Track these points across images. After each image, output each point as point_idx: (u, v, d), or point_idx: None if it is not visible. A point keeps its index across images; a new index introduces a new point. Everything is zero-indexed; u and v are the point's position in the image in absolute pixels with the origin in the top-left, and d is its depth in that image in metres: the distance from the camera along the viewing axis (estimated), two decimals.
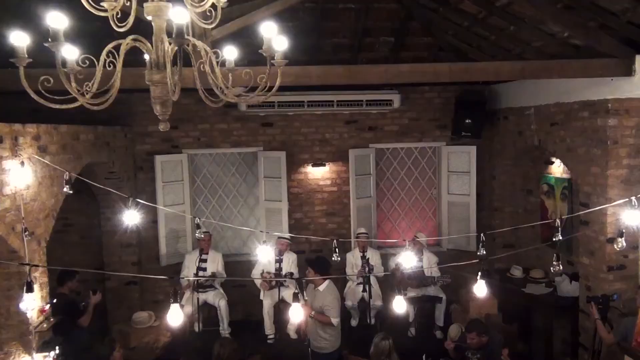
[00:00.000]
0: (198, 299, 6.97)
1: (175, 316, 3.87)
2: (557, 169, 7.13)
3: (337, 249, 4.46)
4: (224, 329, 7.29)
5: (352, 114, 8.15)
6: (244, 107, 7.47)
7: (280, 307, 7.32)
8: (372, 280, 7.19)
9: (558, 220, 4.19)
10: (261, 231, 7.10)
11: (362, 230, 7.54)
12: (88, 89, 2.50)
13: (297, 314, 4.72)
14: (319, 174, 8.25)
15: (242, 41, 4.09)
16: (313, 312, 5.76)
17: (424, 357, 5.54)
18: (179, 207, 7.96)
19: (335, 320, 5.77)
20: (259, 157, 8.08)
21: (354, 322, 7.59)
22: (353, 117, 8.19)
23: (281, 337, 7.28)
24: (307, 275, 5.90)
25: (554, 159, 7.16)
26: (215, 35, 4.46)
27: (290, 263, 7.36)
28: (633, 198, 3.79)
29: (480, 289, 4.36)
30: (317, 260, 6.12)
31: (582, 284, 6.00)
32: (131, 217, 4.59)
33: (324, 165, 8.20)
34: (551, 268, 4.10)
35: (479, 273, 4.30)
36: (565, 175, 6.90)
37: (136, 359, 6.46)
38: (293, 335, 7.25)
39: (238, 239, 8.54)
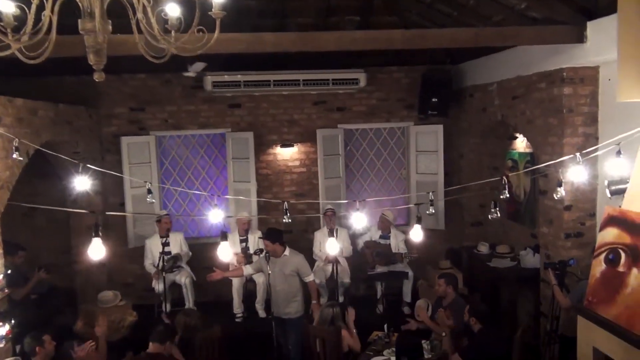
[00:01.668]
0: (165, 279, 6.93)
1: (97, 250, 3.78)
2: (521, 144, 7.21)
3: (287, 211, 4.49)
4: (190, 307, 7.26)
5: (320, 95, 8.17)
6: (209, 87, 7.45)
7: (248, 286, 7.33)
8: (340, 258, 7.23)
9: (504, 178, 4.24)
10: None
11: (329, 206, 7.57)
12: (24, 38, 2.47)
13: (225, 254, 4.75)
14: (287, 155, 8.26)
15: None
16: (314, 302, 5.88)
17: (385, 326, 5.60)
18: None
19: (311, 276, 5.96)
20: (227, 139, 8.07)
21: (322, 300, 7.60)
22: (321, 98, 8.21)
23: (249, 315, 7.27)
24: (266, 249, 5.90)
25: (517, 135, 7.24)
26: None
27: (256, 241, 7.31)
28: (578, 155, 3.85)
29: (416, 233, 4.59)
30: (268, 232, 6.18)
31: (542, 254, 6.08)
32: (81, 183, 4.54)
33: (293, 146, 8.21)
34: (489, 215, 4.19)
35: (417, 218, 4.64)
36: (528, 150, 6.98)
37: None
38: (261, 314, 7.25)
39: (207, 222, 8.50)
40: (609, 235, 4.35)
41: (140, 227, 7.90)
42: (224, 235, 4.72)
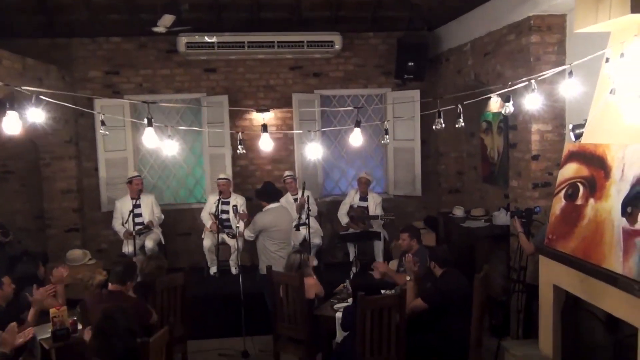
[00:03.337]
0: (135, 241, 6.85)
1: (12, 125, 3.58)
2: (495, 104, 7.19)
3: (241, 141, 4.52)
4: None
5: (297, 60, 8.13)
6: (183, 48, 7.39)
7: (220, 248, 7.27)
8: (312, 220, 7.19)
9: (460, 106, 4.21)
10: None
11: (289, 173, 7.57)
12: None
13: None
14: (263, 120, 8.19)
15: None
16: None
17: (350, 278, 5.58)
18: (121, 152, 7.88)
19: (246, 233, 6.20)
20: (202, 102, 8.01)
21: None
22: (298, 63, 8.16)
23: (222, 274, 7.22)
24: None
25: (491, 95, 7.20)
26: None
27: (239, 205, 7.24)
28: (533, 81, 3.81)
29: (356, 137, 4.52)
30: (261, 189, 6.38)
31: (512, 207, 6.05)
32: (35, 115, 4.44)
33: (269, 111, 8.15)
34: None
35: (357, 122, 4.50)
36: (501, 109, 6.93)
37: (70, 296, 6.35)
38: (234, 271, 7.21)
39: (184, 189, 8.47)
40: (569, 171, 4.33)
41: (113, 191, 7.83)
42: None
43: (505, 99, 3.81)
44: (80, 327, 4.63)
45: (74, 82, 7.78)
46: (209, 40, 7.34)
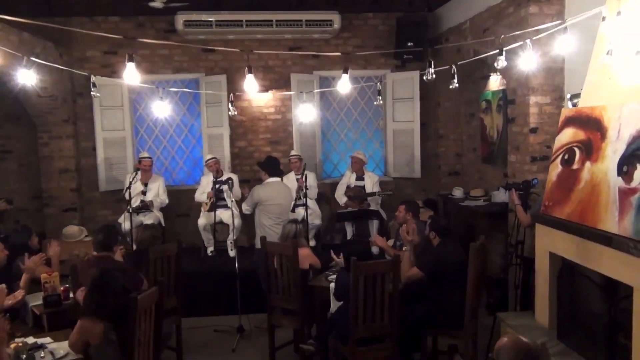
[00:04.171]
0: (131, 217, 6.82)
1: None
2: (494, 83, 7.12)
3: (232, 103, 4.45)
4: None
5: (296, 41, 8.08)
6: (181, 26, 7.36)
7: (217, 228, 7.24)
8: (310, 202, 7.14)
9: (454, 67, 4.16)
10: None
11: (294, 153, 7.51)
12: None
13: None
14: (262, 101, 8.17)
15: None
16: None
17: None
18: (119, 132, 7.86)
19: (244, 206, 6.24)
20: (201, 83, 7.98)
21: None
22: (296, 44, 8.11)
23: (218, 253, 7.18)
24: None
25: (491, 73, 7.15)
26: None
27: (234, 188, 7.19)
28: (528, 41, 3.76)
29: (344, 83, 4.85)
30: (265, 160, 6.46)
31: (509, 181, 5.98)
32: (26, 77, 4.39)
33: (267, 92, 8.12)
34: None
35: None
36: (501, 87, 6.89)
37: (65, 271, 6.34)
38: (231, 254, 7.16)
39: (182, 171, 8.45)
40: (565, 136, 4.27)
41: (111, 171, 7.81)
42: None
43: (499, 52, 3.75)
44: (71, 294, 4.60)
45: (72, 61, 7.75)
46: (207, 19, 7.31)
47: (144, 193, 7.23)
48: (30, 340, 3.71)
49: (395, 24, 7.88)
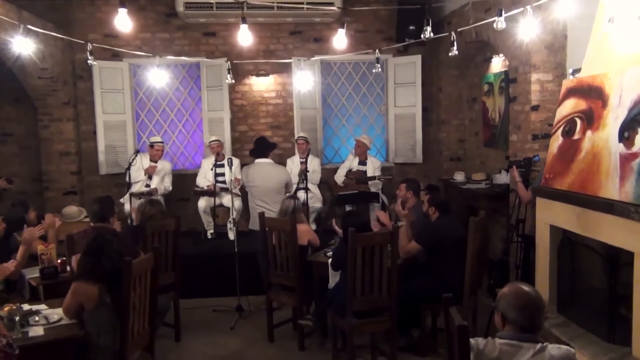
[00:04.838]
0: (131, 199, 6.80)
1: None
2: (496, 65, 7.07)
3: (230, 71, 4.42)
4: None
5: (297, 25, 8.04)
6: (182, 8, 7.32)
7: (217, 212, 7.20)
8: (311, 185, 7.11)
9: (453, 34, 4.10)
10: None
11: (302, 134, 7.45)
12: None
13: None
14: (263, 86, 8.14)
15: None
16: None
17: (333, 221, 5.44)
18: (119, 116, 7.84)
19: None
20: (201, 67, 7.95)
21: None
22: (298, 28, 8.08)
23: (218, 236, 7.15)
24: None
25: (493, 55, 7.10)
26: None
27: (234, 168, 7.13)
28: (529, 7, 3.71)
29: (340, 37, 5.06)
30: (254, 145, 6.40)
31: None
32: (22, 45, 4.37)
33: (268, 76, 8.08)
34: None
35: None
36: (503, 69, 6.83)
37: (63, 251, 6.32)
38: (231, 236, 7.12)
39: (183, 155, 8.42)
40: (566, 107, 4.22)
41: (111, 155, 7.80)
42: None
43: (497, 13, 3.70)
44: (68, 268, 4.57)
45: (74, 44, 7.73)
46: (208, 1, 7.27)
47: (149, 177, 7.18)
48: (26, 307, 3.67)
49: (396, 8, 7.83)
